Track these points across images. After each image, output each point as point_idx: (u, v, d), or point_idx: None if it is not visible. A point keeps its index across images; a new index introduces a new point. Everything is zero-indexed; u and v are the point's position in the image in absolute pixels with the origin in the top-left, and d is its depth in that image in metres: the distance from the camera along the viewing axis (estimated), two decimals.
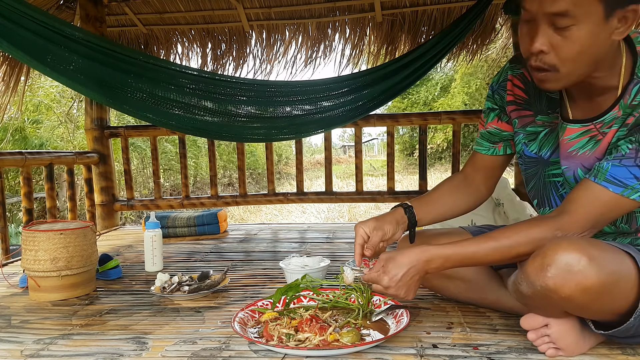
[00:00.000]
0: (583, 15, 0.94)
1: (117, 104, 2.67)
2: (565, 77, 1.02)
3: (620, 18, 0.96)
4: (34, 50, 2.18)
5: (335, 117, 2.95)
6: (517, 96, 1.25)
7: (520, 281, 1.03)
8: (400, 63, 2.87)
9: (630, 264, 1.00)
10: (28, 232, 1.69)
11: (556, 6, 0.94)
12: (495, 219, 2.17)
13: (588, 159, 1.09)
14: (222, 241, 2.65)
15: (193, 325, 1.39)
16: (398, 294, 1.16)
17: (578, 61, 0.99)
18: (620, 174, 1.00)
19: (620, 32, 0.97)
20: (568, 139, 1.12)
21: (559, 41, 0.97)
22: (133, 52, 2.97)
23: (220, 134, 3.02)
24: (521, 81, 1.24)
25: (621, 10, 0.95)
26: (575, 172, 1.12)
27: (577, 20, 0.94)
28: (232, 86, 2.87)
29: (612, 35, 0.98)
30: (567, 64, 0.99)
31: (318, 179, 11.92)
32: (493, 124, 1.32)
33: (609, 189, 1.01)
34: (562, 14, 0.94)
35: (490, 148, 1.34)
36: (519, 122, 1.24)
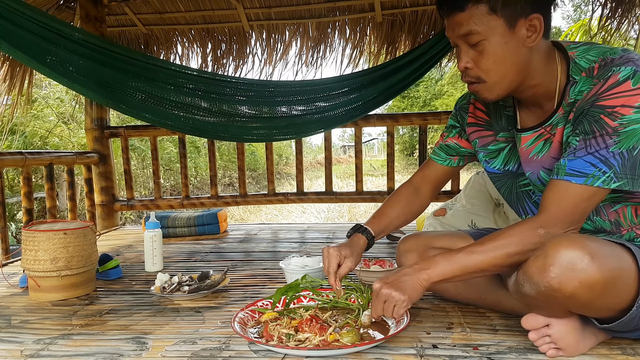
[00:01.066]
0: (487, 30, 1.08)
1: (116, 104, 2.67)
2: (494, 85, 1.14)
3: (528, 27, 1.08)
4: (33, 51, 2.18)
5: (335, 116, 2.95)
6: (478, 118, 1.37)
7: (523, 282, 1.03)
8: (400, 63, 2.88)
9: (629, 258, 1.02)
10: (28, 232, 1.69)
11: (462, 29, 1.10)
12: (495, 219, 2.18)
13: (546, 160, 1.18)
14: (222, 241, 2.65)
15: (193, 325, 1.39)
16: (391, 294, 1.13)
17: (498, 70, 1.11)
18: (577, 166, 1.05)
19: (532, 40, 1.09)
20: (525, 147, 1.21)
21: (476, 56, 1.12)
22: (132, 52, 2.97)
23: (220, 134, 3.02)
24: (483, 104, 1.36)
25: (525, 19, 1.07)
26: (539, 174, 1.20)
27: (484, 36, 1.08)
28: (231, 86, 2.88)
29: (526, 43, 1.09)
30: (490, 74, 1.12)
31: (318, 179, 11.92)
32: (453, 140, 1.45)
33: (572, 182, 1.05)
34: (470, 34, 1.09)
35: (446, 159, 1.47)
36: (479, 142, 1.36)
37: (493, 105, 1.32)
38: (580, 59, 1.11)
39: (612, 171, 1.02)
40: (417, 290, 1.13)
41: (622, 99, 1.01)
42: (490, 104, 1.33)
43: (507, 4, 1.06)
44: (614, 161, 1.02)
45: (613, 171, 1.02)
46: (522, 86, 1.16)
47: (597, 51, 1.10)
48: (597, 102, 1.04)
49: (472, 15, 1.08)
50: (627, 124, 1.00)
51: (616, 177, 1.02)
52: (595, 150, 1.03)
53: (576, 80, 1.10)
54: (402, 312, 1.14)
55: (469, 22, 1.08)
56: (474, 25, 1.08)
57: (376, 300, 1.16)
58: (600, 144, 1.03)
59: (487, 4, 1.06)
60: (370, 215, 1.49)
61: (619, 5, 2.91)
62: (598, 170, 1.03)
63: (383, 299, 1.14)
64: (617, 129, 1.01)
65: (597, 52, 1.10)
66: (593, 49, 1.11)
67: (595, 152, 1.03)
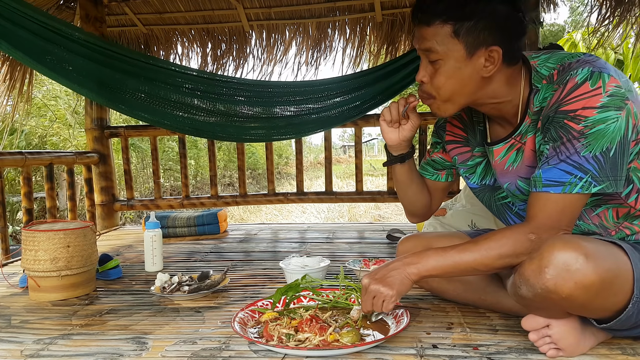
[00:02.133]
0: (446, 52, 1.10)
1: (115, 104, 2.68)
2: (444, 104, 1.17)
3: (487, 57, 1.10)
4: (33, 50, 2.18)
5: (335, 116, 2.95)
6: (456, 135, 1.38)
7: (520, 285, 1.03)
8: (400, 63, 2.88)
9: (624, 257, 1.02)
10: (28, 232, 1.69)
11: (425, 44, 1.12)
12: (495, 219, 2.18)
13: (522, 169, 1.19)
14: (222, 241, 2.65)
15: (193, 325, 1.39)
16: (379, 290, 1.14)
17: (448, 90, 1.14)
18: (553, 176, 1.05)
19: (487, 70, 1.11)
20: (499, 159, 1.23)
21: (432, 72, 1.14)
22: (132, 52, 2.98)
23: (219, 134, 3.03)
24: (459, 121, 1.37)
25: (485, 49, 1.09)
26: (516, 184, 1.21)
27: (442, 56, 1.11)
28: (231, 86, 2.88)
29: (481, 72, 1.11)
30: (441, 92, 1.15)
31: (318, 179, 11.91)
32: (438, 154, 1.45)
33: (551, 192, 1.05)
34: (430, 50, 1.12)
35: (433, 174, 1.48)
36: (459, 159, 1.38)
37: (469, 121, 1.33)
38: (541, 68, 1.12)
39: (589, 176, 1.02)
40: (406, 284, 1.14)
41: (583, 101, 1.01)
42: (465, 120, 1.35)
43: (470, 32, 1.08)
44: (589, 166, 1.02)
45: (590, 175, 1.02)
46: (478, 103, 1.18)
47: (556, 58, 1.12)
48: (560, 108, 1.04)
49: (436, 34, 1.10)
50: (591, 125, 1.00)
51: (595, 181, 1.02)
52: (567, 157, 1.03)
53: (538, 88, 1.12)
54: (391, 307, 1.15)
55: (431, 39, 1.11)
56: (435, 44, 1.10)
57: (365, 295, 1.17)
58: (569, 149, 1.03)
59: (452, 27, 1.08)
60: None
61: (618, 5, 2.91)
62: (574, 177, 1.03)
63: (372, 294, 1.15)
64: (583, 131, 1.01)
65: (556, 58, 1.12)
66: (553, 57, 1.13)
67: (567, 158, 1.03)
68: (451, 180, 1.47)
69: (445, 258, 1.13)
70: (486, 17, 1.07)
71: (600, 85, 1.01)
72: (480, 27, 1.07)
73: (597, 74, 1.02)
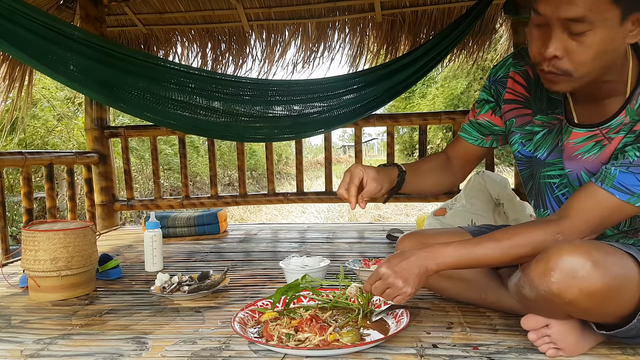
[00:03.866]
0: (600, 20, 0.92)
1: (116, 104, 2.67)
2: (577, 80, 1.00)
3: (634, 21, 0.95)
4: (34, 50, 2.18)
5: (337, 117, 2.95)
6: (517, 94, 1.22)
7: (523, 285, 1.03)
8: (401, 63, 2.87)
9: (633, 266, 0.99)
10: (28, 232, 1.69)
11: (573, 11, 0.92)
12: (495, 219, 2.18)
13: (592, 163, 1.09)
14: (222, 241, 2.65)
15: (193, 325, 1.39)
16: (396, 284, 1.11)
17: (592, 66, 0.97)
18: (627, 181, 0.99)
19: (634, 35, 0.96)
20: (573, 143, 1.11)
21: (574, 47, 0.95)
22: (133, 51, 2.97)
23: (221, 134, 3.02)
24: (524, 78, 1.21)
25: (636, 13, 0.94)
26: (579, 174, 1.11)
27: (593, 26, 0.92)
28: (233, 85, 2.87)
29: (626, 39, 0.97)
30: (581, 69, 0.98)
31: (318, 179, 11.90)
32: (486, 117, 1.30)
33: (616, 196, 1.00)
34: (578, 20, 0.92)
35: (478, 139, 1.34)
36: (517, 122, 1.22)
37: (534, 82, 1.18)
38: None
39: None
40: (422, 281, 1.13)
41: None
42: (531, 78, 1.19)
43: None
44: None
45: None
46: (595, 81, 1.03)
47: None
48: None
49: (590, 0, 0.91)
50: None
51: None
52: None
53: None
54: (402, 302, 1.14)
55: (584, 5, 0.91)
56: (589, 12, 0.91)
57: (380, 282, 1.14)
58: None
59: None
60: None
61: None
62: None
63: (388, 285, 1.13)
64: None
65: None
66: None
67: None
68: (495, 146, 1.33)
69: (465, 255, 1.10)
70: None
71: None
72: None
73: None
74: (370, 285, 1.17)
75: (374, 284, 1.16)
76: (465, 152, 1.36)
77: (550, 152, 1.17)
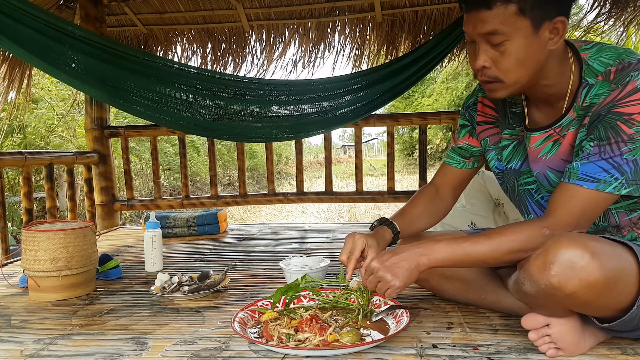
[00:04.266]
0: (512, 31, 1.04)
1: (118, 102, 2.67)
2: (511, 85, 1.11)
3: (551, 29, 1.06)
4: (35, 48, 2.18)
5: (337, 117, 2.95)
6: (488, 115, 1.35)
7: (523, 281, 1.04)
8: (401, 63, 2.87)
9: (630, 258, 1.02)
10: (28, 232, 1.69)
11: (487, 27, 1.06)
12: (495, 219, 2.18)
13: (553, 160, 1.17)
14: (222, 241, 2.65)
15: (193, 325, 1.39)
16: (385, 277, 1.14)
17: (518, 71, 1.09)
18: (590, 170, 1.05)
19: (554, 42, 1.07)
20: (535, 146, 1.20)
21: (497, 56, 1.08)
22: (135, 50, 2.97)
23: (222, 134, 3.02)
24: (492, 101, 1.33)
25: (550, 22, 1.05)
26: (546, 174, 1.19)
27: (509, 36, 1.05)
28: (233, 85, 2.87)
29: (547, 46, 1.07)
30: (509, 74, 1.10)
31: (318, 179, 11.91)
32: (465, 140, 1.41)
33: (584, 186, 1.05)
34: (494, 33, 1.05)
35: (460, 162, 1.43)
36: (491, 140, 1.34)
37: (501, 102, 1.30)
38: (594, 61, 1.09)
39: (624, 178, 1.02)
40: (413, 275, 1.15)
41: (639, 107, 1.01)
42: (498, 101, 1.31)
43: (536, 5, 1.03)
44: (627, 168, 1.02)
45: (625, 178, 1.02)
46: (535, 85, 1.14)
47: (610, 53, 1.08)
48: (614, 109, 1.03)
49: (499, 15, 1.03)
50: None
51: (627, 184, 1.03)
52: (610, 157, 1.03)
53: (590, 83, 1.08)
54: (393, 296, 1.17)
55: (494, 21, 1.04)
56: (500, 25, 1.04)
57: (371, 277, 1.18)
58: (614, 151, 1.03)
59: (517, 5, 1.02)
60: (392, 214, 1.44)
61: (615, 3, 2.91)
62: (610, 177, 1.03)
63: (377, 279, 1.17)
64: (633, 136, 1.01)
65: (610, 54, 1.08)
66: (605, 50, 1.09)
67: (609, 158, 1.03)
68: (477, 166, 1.43)
69: (456, 249, 1.13)
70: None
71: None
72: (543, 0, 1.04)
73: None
74: (365, 280, 1.21)
75: (367, 279, 1.20)
76: (451, 176, 1.45)
77: (523, 161, 1.26)
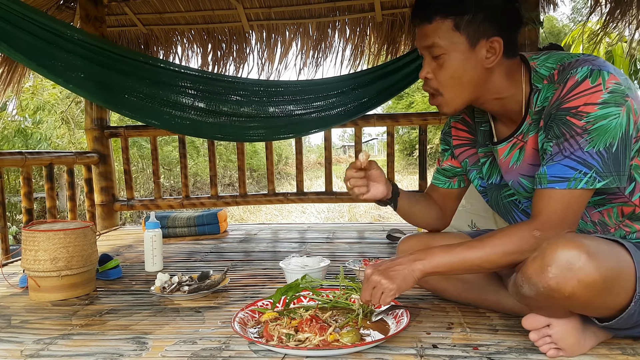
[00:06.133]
0: (449, 45, 1.12)
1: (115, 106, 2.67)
2: (451, 100, 1.19)
3: (488, 48, 1.12)
4: (32, 52, 2.19)
5: (335, 116, 2.95)
6: (463, 138, 1.40)
7: (522, 284, 1.03)
8: (400, 63, 2.88)
9: (626, 255, 1.02)
10: (28, 232, 1.69)
11: (427, 41, 1.15)
12: (495, 219, 2.18)
13: (523, 167, 1.20)
14: (222, 241, 2.65)
15: (193, 325, 1.39)
16: (380, 282, 1.14)
17: (454, 85, 1.16)
18: (557, 172, 1.06)
19: (490, 61, 1.13)
20: (504, 158, 1.24)
21: (437, 68, 1.16)
22: (132, 53, 2.97)
23: (219, 134, 3.02)
24: (463, 124, 1.40)
25: (486, 40, 1.11)
26: (519, 181, 1.22)
27: (446, 50, 1.13)
28: (230, 86, 2.88)
29: (484, 64, 1.13)
30: (446, 87, 1.17)
31: (318, 179, 11.91)
32: (448, 162, 1.45)
33: (556, 188, 1.06)
34: (433, 46, 1.14)
35: (446, 182, 1.47)
36: (470, 161, 1.39)
37: (472, 123, 1.36)
38: (541, 68, 1.15)
39: (594, 171, 1.03)
40: (408, 281, 1.14)
41: (584, 98, 1.03)
42: (469, 122, 1.37)
43: (471, 23, 1.11)
44: (593, 161, 1.03)
45: (594, 171, 1.03)
46: (481, 100, 1.20)
47: (555, 58, 1.14)
48: (561, 106, 1.06)
49: (437, 29, 1.12)
50: (594, 121, 1.02)
51: (600, 177, 1.03)
52: (571, 153, 1.05)
53: (539, 88, 1.14)
54: (389, 301, 1.15)
55: (433, 34, 1.13)
56: (438, 39, 1.13)
57: (366, 284, 1.17)
58: (573, 146, 1.04)
59: (453, 20, 1.11)
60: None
61: (617, 5, 2.91)
62: (578, 173, 1.04)
63: (372, 285, 1.16)
64: (585, 127, 1.03)
65: (555, 58, 1.14)
66: (552, 57, 1.15)
67: (571, 154, 1.05)
68: (463, 186, 1.47)
69: (451, 255, 1.13)
70: (484, 9, 1.10)
71: (600, 82, 1.03)
72: (479, 19, 1.10)
73: (597, 71, 1.04)
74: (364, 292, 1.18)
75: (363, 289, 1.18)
76: (439, 195, 1.49)
77: (501, 175, 1.28)
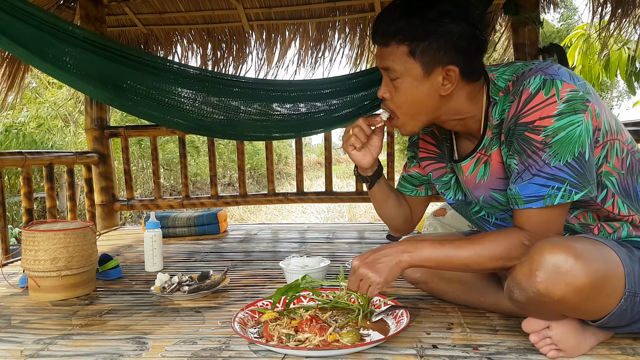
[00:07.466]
0: (403, 70, 1.12)
1: (117, 102, 2.67)
2: (407, 122, 1.18)
3: (444, 76, 1.10)
4: (34, 47, 2.18)
5: (336, 117, 2.94)
6: (430, 151, 1.38)
7: (513, 289, 1.04)
8: None
9: (614, 255, 1.01)
10: (28, 232, 1.69)
11: (383, 63, 1.15)
12: None
13: (492, 181, 1.19)
14: (222, 241, 2.65)
15: (193, 325, 1.39)
16: (366, 274, 1.14)
17: (408, 108, 1.16)
18: (530, 191, 1.05)
19: (445, 89, 1.12)
20: (469, 174, 1.23)
21: (392, 90, 1.16)
22: (135, 50, 2.97)
23: (222, 133, 3.02)
24: (432, 137, 1.37)
25: (442, 68, 1.10)
26: (492, 196, 1.20)
27: (400, 74, 1.12)
28: (233, 85, 2.87)
29: (439, 91, 1.12)
30: (401, 109, 1.17)
31: (318, 179, 11.91)
32: (415, 169, 1.44)
33: (533, 207, 1.06)
34: (388, 69, 1.14)
35: (412, 190, 1.47)
36: (434, 175, 1.37)
37: (441, 138, 1.34)
38: (498, 80, 1.14)
39: (567, 184, 1.02)
40: (395, 272, 1.14)
41: (539, 112, 1.02)
42: (438, 136, 1.35)
43: (426, 52, 1.09)
44: (564, 174, 1.02)
45: (568, 184, 1.02)
46: (440, 120, 1.19)
47: (512, 69, 1.13)
48: (518, 121, 1.05)
49: (392, 53, 1.12)
50: (552, 134, 1.01)
51: (576, 188, 1.02)
52: (538, 170, 1.03)
53: (496, 100, 1.13)
54: (376, 293, 1.16)
55: (389, 58, 1.13)
56: (392, 63, 1.12)
57: (353, 276, 1.18)
58: (538, 162, 1.03)
59: (407, 47, 1.09)
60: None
61: (618, 6, 2.91)
62: (552, 189, 1.03)
63: (359, 277, 1.16)
64: (545, 141, 1.02)
65: (512, 70, 1.12)
66: (510, 68, 1.13)
67: (538, 172, 1.04)
68: (431, 194, 1.46)
69: (439, 250, 1.13)
70: (440, 37, 1.07)
71: (554, 92, 1.02)
72: (435, 47, 1.08)
73: (550, 81, 1.02)
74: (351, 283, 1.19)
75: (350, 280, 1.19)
76: (409, 200, 1.48)
77: (466, 193, 1.28)
